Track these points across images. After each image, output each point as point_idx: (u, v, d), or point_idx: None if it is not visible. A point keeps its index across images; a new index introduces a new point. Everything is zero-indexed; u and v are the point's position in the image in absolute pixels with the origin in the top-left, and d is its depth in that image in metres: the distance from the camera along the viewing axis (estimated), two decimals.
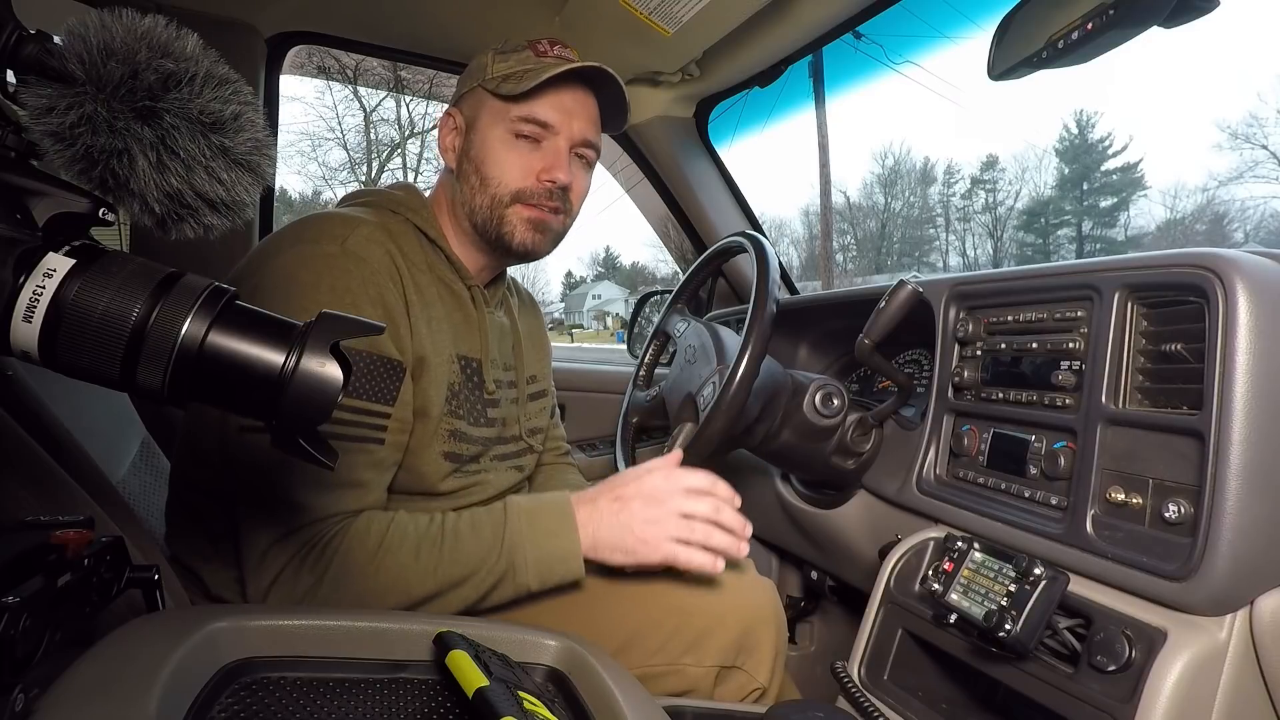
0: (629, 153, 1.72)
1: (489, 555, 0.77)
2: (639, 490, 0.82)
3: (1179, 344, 0.67)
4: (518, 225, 0.90)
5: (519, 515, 0.80)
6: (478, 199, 0.90)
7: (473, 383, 0.91)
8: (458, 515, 0.80)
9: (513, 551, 0.77)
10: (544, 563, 0.78)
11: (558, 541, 0.79)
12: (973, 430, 0.89)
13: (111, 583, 0.49)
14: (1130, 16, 0.65)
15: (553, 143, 0.90)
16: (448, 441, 0.86)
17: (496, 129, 0.89)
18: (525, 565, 0.78)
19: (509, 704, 0.43)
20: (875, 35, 9.55)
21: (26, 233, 0.39)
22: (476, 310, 0.92)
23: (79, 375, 0.40)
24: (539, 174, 0.89)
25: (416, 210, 0.90)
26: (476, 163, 0.90)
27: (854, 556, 1.09)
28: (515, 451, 0.99)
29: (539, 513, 0.80)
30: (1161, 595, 0.63)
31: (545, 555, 0.78)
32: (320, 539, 0.74)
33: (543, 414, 1.08)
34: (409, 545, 0.75)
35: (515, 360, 1.01)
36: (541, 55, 0.90)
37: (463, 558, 0.76)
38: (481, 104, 0.91)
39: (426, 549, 0.76)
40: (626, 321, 2.23)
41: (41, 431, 0.67)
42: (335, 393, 0.41)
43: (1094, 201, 30.72)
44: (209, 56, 0.44)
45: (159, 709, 0.39)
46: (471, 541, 0.77)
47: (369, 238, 0.81)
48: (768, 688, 0.86)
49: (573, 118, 0.90)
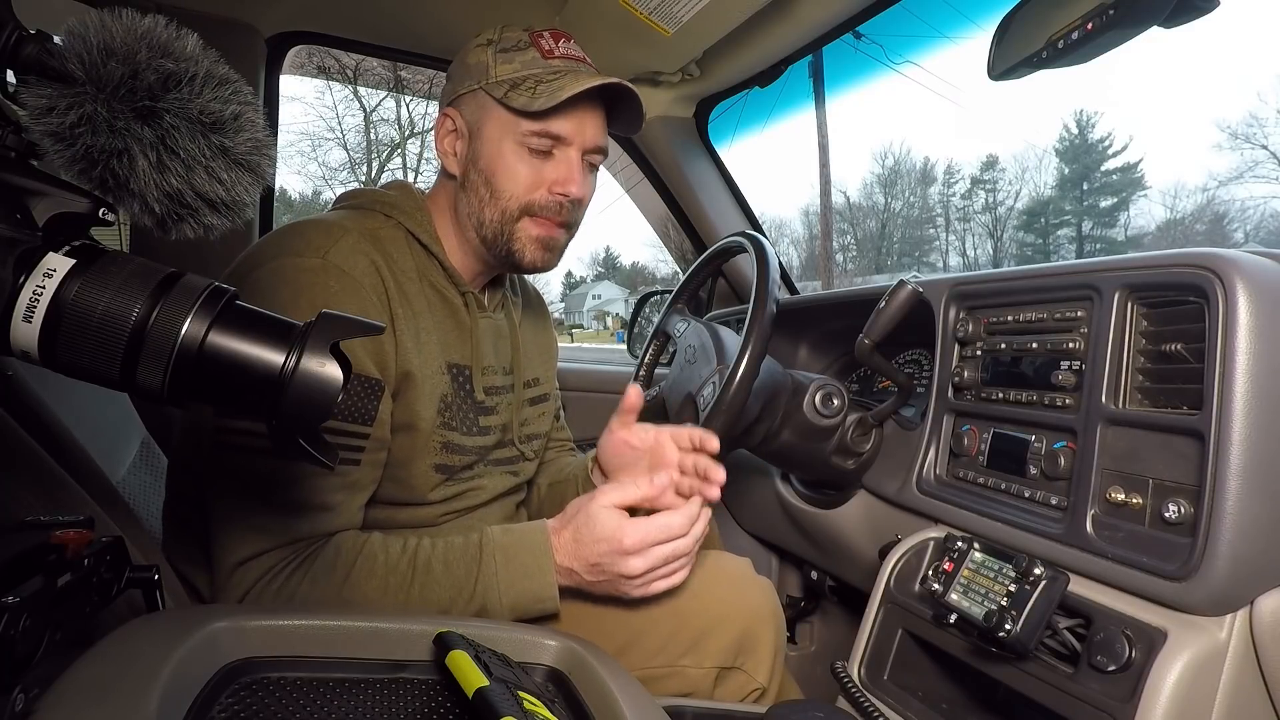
0: (629, 153, 1.72)
1: (460, 595, 0.75)
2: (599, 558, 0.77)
3: (1179, 344, 0.67)
4: (528, 245, 0.87)
5: (494, 554, 0.77)
6: (487, 212, 0.86)
7: (464, 391, 0.88)
8: (431, 545, 0.77)
9: (485, 594, 0.75)
10: (519, 604, 0.77)
11: (532, 582, 0.77)
12: (973, 430, 0.89)
13: (111, 583, 0.49)
14: (1130, 16, 0.65)
15: (565, 154, 0.86)
16: (439, 453, 0.85)
17: (507, 140, 0.85)
18: (499, 607, 0.76)
19: (509, 704, 0.43)
20: (875, 35, 9.56)
21: (26, 233, 0.39)
22: (470, 316, 0.90)
23: (79, 375, 0.40)
24: (551, 186, 0.86)
25: (410, 213, 0.87)
26: (487, 174, 0.86)
27: (854, 556, 1.09)
28: (511, 457, 0.97)
29: (515, 551, 0.78)
30: (1161, 595, 0.63)
31: (520, 595, 0.77)
32: (285, 567, 0.72)
33: (543, 419, 1.05)
34: (377, 579, 0.73)
35: (514, 363, 0.98)
36: (548, 56, 0.86)
37: (432, 596, 0.74)
38: (486, 111, 0.86)
39: (395, 583, 0.74)
40: (626, 321, 2.23)
41: (42, 431, 0.67)
42: (335, 392, 0.41)
43: (1094, 201, 30.73)
44: (209, 56, 0.44)
45: (159, 709, 0.39)
46: (444, 579, 0.75)
47: (353, 248, 0.78)
48: (767, 688, 0.86)
49: (585, 126, 0.86)
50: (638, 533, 0.76)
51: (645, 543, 0.76)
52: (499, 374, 0.95)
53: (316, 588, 0.72)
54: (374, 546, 0.75)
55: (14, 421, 0.63)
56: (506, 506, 0.98)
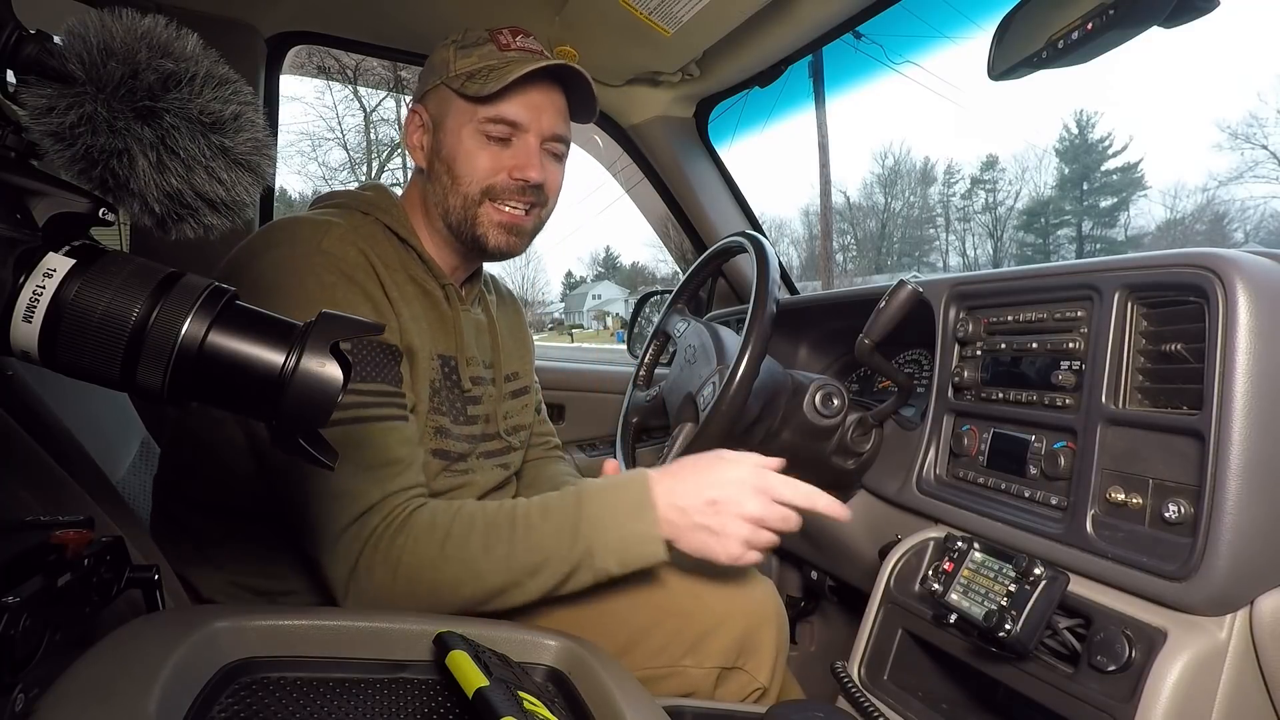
0: (629, 153, 1.72)
1: (562, 542, 0.74)
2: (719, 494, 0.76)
3: (1179, 344, 0.67)
4: (490, 229, 0.89)
5: (593, 498, 0.76)
6: (450, 199, 0.89)
7: (451, 380, 0.91)
8: (528, 502, 0.77)
9: (592, 536, 0.74)
10: (624, 545, 0.75)
11: (637, 525, 0.75)
12: (973, 430, 0.89)
13: (111, 583, 0.49)
14: (1130, 16, 0.65)
15: (523, 140, 0.89)
16: (434, 438, 0.86)
17: (465, 129, 0.88)
18: (604, 551, 0.74)
19: (509, 704, 0.43)
20: (875, 35, 9.57)
21: (26, 233, 0.39)
22: (451, 308, 0.92)
23: (79, 375, 0.40)
24: (510, 171, 0.88)
25: (387, 210, 0.90)
26: (448, 163, 0.89)
27: (854, 556, 1.09)
28: (499, 449, 0.99)
29: (615, 494, 0.77)
30: (1161, 595, 0.63)
31: (626, 536, 0.74)
32: (385, 529, 0.73)
33: (525, 411, 1.07)
34: (477, 535, 0.74)
35: (493, 357, 1.00)
36: (505, 49, 0.88)
37: (535, 545, 0.74)
38: (447, 103, 0.90)
39: (495, 538, 0.74)
40: (626, 321, 2.23)
41: (41, 431, 0.67)
42: (335, 393, 0.41)
43: (1094, 201, 30.73)
44: (209, 56, 0.44)
45: (159, 709, 0.39)
46: (544, 527, 0.74)
47: (342, 238, 0.81)
48: (768, 688, 0.86)
49: (541, 113, 0.89)
50: (758, 470, 0.77)
51: (777, 492, 0.76)
52: (481, 366, 0.97)
53: (420, 548, 0.73)
54: (470, 507, 0.77)
55: (14, 421, 0.63)
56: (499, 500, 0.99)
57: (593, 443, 1.67)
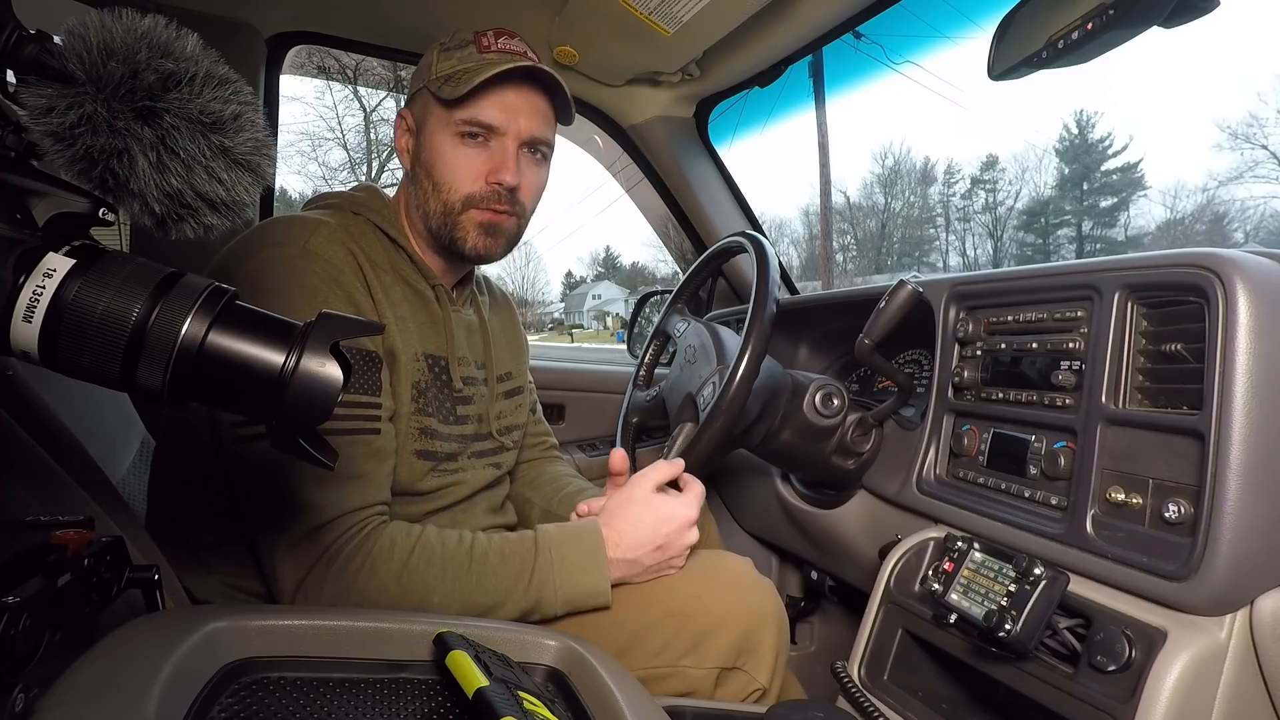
0: (629, 153, 1.72)
1: (516, 587, 0.78)
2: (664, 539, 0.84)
3: (1179, 344, 0.67)
4: (470, 230, 0.89)
5: (549, 549, 0.80)
6: (431, 203, 0.89)
7: (441, 380, 0.91)
8: (487, 539, 0.80)
9: (541, 587, 0.78)
10: (574, 597, 0.80)
11: (587, 577, 0.80)
12: (973, 430, 0.89)
13: (111, 583, 0.49)
14: (1130, 16, 0.65)
15: (500, 143, 0.88)
16: (419, 439, 0.87)
17: (443, 132, 0.88)
18: (554, 601, 0.79)
19: (509, 704, 0.43)
20: (875, 35, 9.58)
21: (26, 233, 0.39)
22: (442, 308, 0.92)
23: (79, 375, 0.40)
24: (487, 176, 0.88)
25: (378, 211, 0.90)
26: (428, 167, 0.89)
27: (854, 556, 1.09)
28: (492, 449, 0.99)
29: (570, 546, 0.81)
30: (1161, 595, 0.63)
31: (575, 589, 0.80)
32: (341, 546, 0.74)
33: (519, 411, 1.07)
34: (435, 567, 0.76)
35: (485, 357, 1.01)
36: (484, 50, 0.88)
37: (489, 586, 0.77)
38: (428, 107, 0.90)
39: (452, 572, 0.76)
40: (626, 321, 2.23)
41: (41, 431, 0.67)
42: (335, 392, 0.41)
43: (1094, 201, 30.71)
44: (209, 56, 0.44)
45: (159, 709, 0.39)
46: (500, 570, 0.78)
47: (330, 238, 0.81)
48: (768, 688, 0.86)
49: (518, 115, 0.88)
50: (693, 504, 0.86)
51: (697, 512, 0.86)
52: (472, 366, 0.97)
53: (376, 575, 0.73)
54: (430, 537, 0.78)
55: (14, 421, 0.63)
56: (491, 499, 1.00)
57: (593, 443, 1.67)
